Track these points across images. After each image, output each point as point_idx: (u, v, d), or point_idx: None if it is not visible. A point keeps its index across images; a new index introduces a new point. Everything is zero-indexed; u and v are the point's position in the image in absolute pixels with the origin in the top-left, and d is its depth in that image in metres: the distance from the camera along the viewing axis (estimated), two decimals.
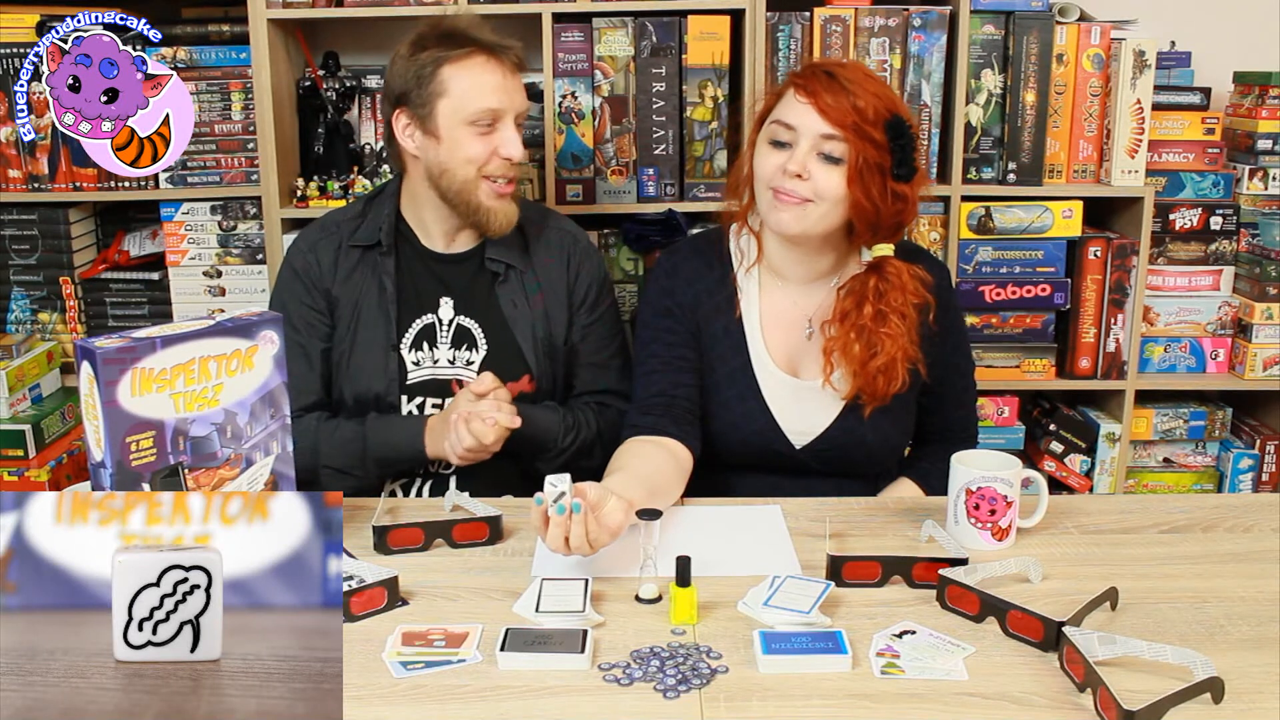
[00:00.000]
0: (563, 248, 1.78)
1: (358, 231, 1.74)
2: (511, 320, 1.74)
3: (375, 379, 1.71)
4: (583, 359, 1.79)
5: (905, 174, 1.52)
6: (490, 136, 1.64)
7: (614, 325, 1.82)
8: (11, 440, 2.21)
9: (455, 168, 1.65)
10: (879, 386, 1.57)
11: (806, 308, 1.65)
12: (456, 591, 1.29)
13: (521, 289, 1.75)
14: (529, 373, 1.74)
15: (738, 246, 1.67)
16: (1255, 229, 2.35)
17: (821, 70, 1.53)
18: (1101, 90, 2.27)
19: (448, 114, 1.63)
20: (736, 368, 1.63)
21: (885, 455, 1.69)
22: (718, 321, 1.64)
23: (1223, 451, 2.45)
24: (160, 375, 1.19)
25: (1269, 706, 1.06)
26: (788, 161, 1.51)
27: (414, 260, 1.75)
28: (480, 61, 1.63)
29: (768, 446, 1.64)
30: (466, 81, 1.63)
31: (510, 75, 1.65)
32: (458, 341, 1.73)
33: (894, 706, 1.06)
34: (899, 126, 1.51)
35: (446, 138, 1.64)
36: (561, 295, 1.76)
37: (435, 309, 1.73)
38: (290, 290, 1.75)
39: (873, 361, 1.56)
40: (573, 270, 1.77)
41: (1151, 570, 1.34)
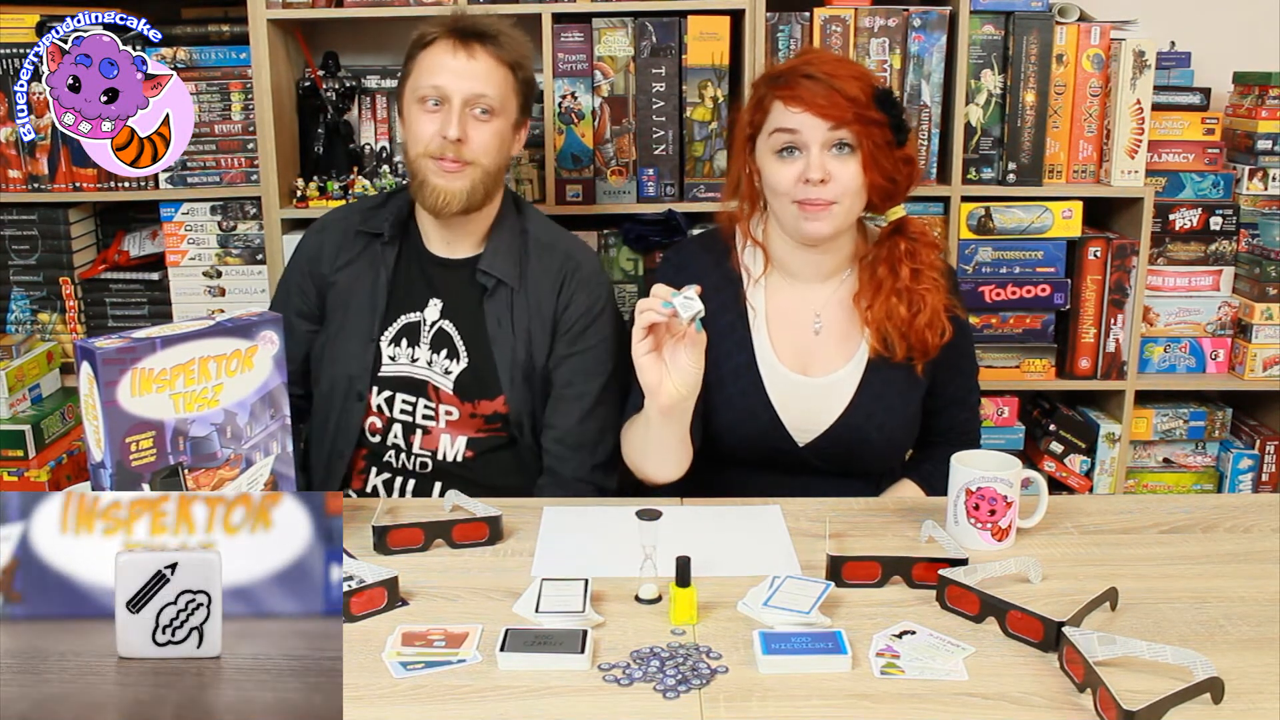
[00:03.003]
0: (561, 272, 1.73)
1: (370, 219, 1.77)
2: (493, 337, 1.71)
3: (350, 363, 1.73)
4: (554, 389, 1.74)
5: (903, 137, 1.55)
6: (437, 115, 1.64)
7: (597, 364, 1.73)
8: (11, 440, 2.21)
9: (409, 145, 1.68)
10: (929, 341, 1.59)
11: (815, 303, 1.65)
12: (456, 591, 1.29)
13: (509, 307, 1.72)
14: (503, 393, 1.72)
15: (743, 261, 1.67)
16: (1255, 229, 2.35)
17: (799, 75, 1.53)
18: (1101, 90, 2.27)
19: (409, 94, 1.68)
20: (741, 364, 1.63)
21: (889, 454, 1.69)
22: (723, 318, 1.64)
23: (1223, 452, 2.45)
24: (160, 375, 1.19)
25: (1269, 706, 1.06)
26: (806, 170, 1.52)
27: (412, 258, 1.76)
28: (444, 45, 1.65)
29: (770, 444, 1.64)
30: (425, 62, 1.66)
31: (465, 58, 1.64)
32: (437, 345, 1.72)
33: (894, 707, 1.06)
34: (886, 96, 1.53)
35: (407, 116, 1.69)
36: (548, 321, 1.72)
37: (422, 308, 1.73)
38: (293, 268, 1.82)
39: (918, 319, 1.58)
40: (564, 297, 1.73)
41: (1151, 570, 1.34)
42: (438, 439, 1.73)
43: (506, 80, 1.67)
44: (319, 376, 1.77)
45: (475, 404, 1.72)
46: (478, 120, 1.65)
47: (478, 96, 1.64)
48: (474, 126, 1.65)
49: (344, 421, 1.74)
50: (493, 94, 1.65)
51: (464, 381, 1.71)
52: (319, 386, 1.78)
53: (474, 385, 1.71)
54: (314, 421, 1.80)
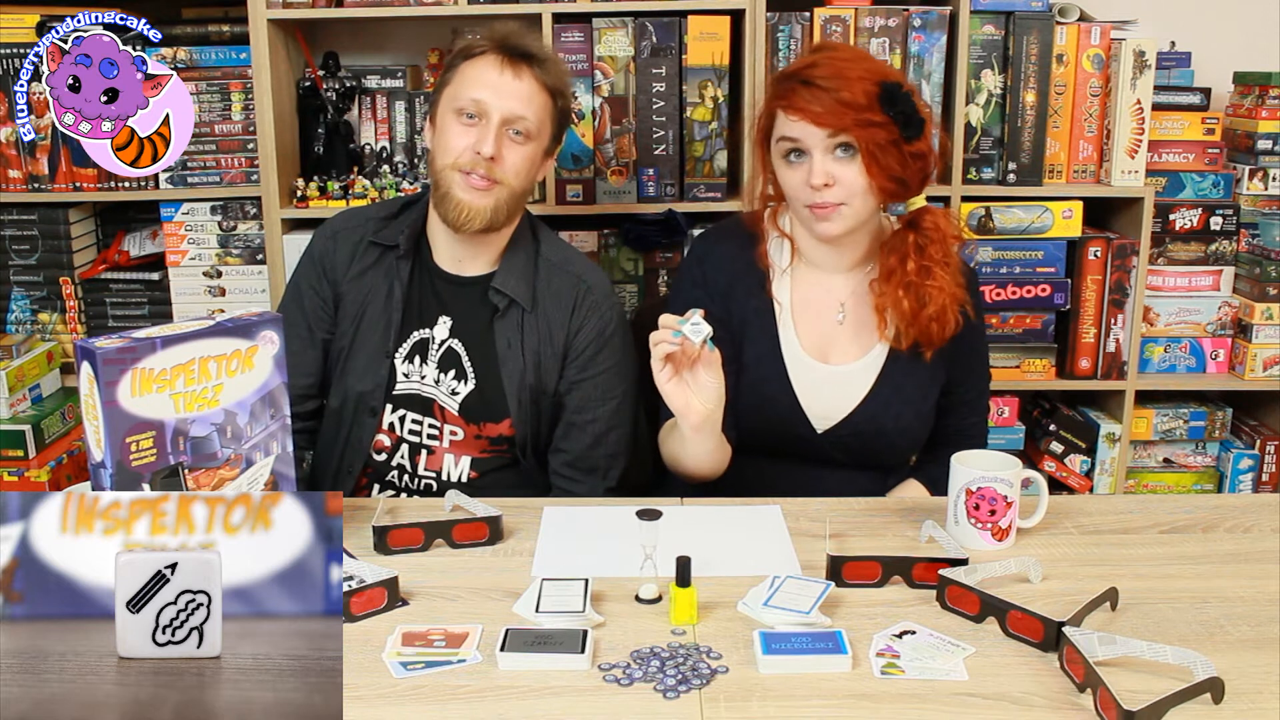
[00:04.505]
0: (573, 296, 1.71)
1: (383, 230, 1.74)
2: (502, 359, 1.69)
3: (365, 379, 1.70)
4: (564, 415, 1.73)
5: (914, 132, 1.52)
6: (472, 130, 1.62)
7: (609, 388, 1.72)
8: (11, 440, 2.21)
9: (438, 154, 1.66)
10: (934, 333, 1.60)
11: (840, 293, 1.66)
12: (456, 591, 1.29)
13: (519, 329, 1.70)
14: (509, 416, 1.70)
15: (770, 254, 1.67)
16: (1255, 229, 2.35)
17: (797, 81, 1.53)
18: (1101, 90, 2.27)
19: (445, 103, 1.66)
20: (765, 350, 1.65)
21: (903, 445, 1.69)
22: (750, 304, 1.66)
23: (1223, 452, 2.45)
24: (160, 375, 1.19)
25: (1269, 706, 1.06)
26: (809, 176, 1.53)
27: (423, 274, 1.73)
28: (488, 59, 1.63)
29: (789, 429, 1.65)
30: (469, 74, 1.64)
31: (511, 78, 1.62)
32: (445, 365, 1.70)
33: (894, 707, 1.06)
34: (891, 94, 1.50)
35: (439, 124, 1.66)
36: (559, 345, 1.70)
37: (432, 325, 1.72)
38: (305, 273, 1.76)
39: (924, 312, 1.58)
40: (576, 322, 1.71)
41: (1151, 570, 1.34)
42: (442, 459, 1.72)
43: (546, 106, 1.66)
44: (333, 389, 1.74)
45: (481, 426, 1.70)
46: (512, 141, 1.63)
47: (517, 117, 1.62)
48: (508, 146, 1.62)
49: (355, 437, 1.72)
50: (532, 117, 1.63)
51: (470, 404, 1.70)
52: (329, 402, 1.74)
53: (480, 408, 1.69)
54: (322, 438, 1.77)
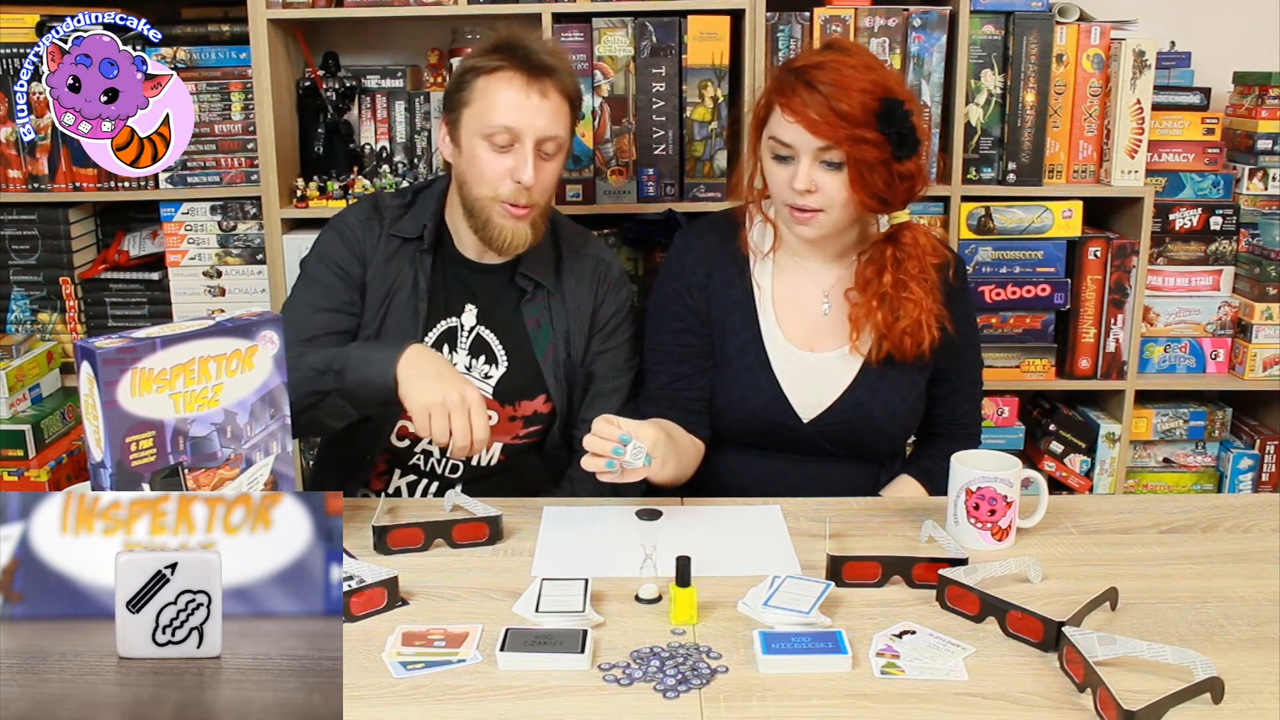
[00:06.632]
0: (595, 275, 1.76)
1: (401, 221, 1.72)
2: (535, 339, 1.72)
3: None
4: (592, 385, 1.77)
5: (907, 153, 1.50)
6: (506, 156, 1.59)
7: (628, 359, 1.77)
8: (11, 440, 2.21)
9: (472, 183, 1.62)
10: (907, 346, 1.60)
11: (824, 283, 1.66)
12: (456, 591, 1.29)
13: (547, 309, 1.73)
14: (545, 393, 1.73)
15: (751, 239, 1.67)
16: (1255, 229, 2.35)
17: (800, 80, 1.50)
18: (1101, 90, 2.27)
19: (468, 124, 1.61)
20: (747, 340, 1.64)
21: (892, 432, 1.68)
22: (730, 294, 1.66)
23: (1223, 451, 2.45)
24: (160, 375, 1.19)
25: (1269, 706, 1.06)
26: (793, 179, 1.52)
27: (446, 262, 1.73)
28: (508, 76, 1.59)
29: (775, 420, 1.64)
30: (490, 94, 1.59)
31: (539, 97, 1.59)
32: (475, 351, 1.72)
33: (894, 706, 1.06)
34: (890, 112, 1.48)
35: (465, 149, 1.62)
36: (585, 321, 1.75)
37: (459, 314, 1.72)
38: (333, 247, 1.71)
39: (897, 324, 1.58)
40: (599, 297, 1.75)
41: (1151, 570, 1.34)
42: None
43: (569, 115, 1.65)
44: None
45: (516, 405, 1.72)
46: (543, 159, 1.61)
47: (549, 137, 1.60)
48: (539, 166, 1.60)
49: (378, 426, 1.71)
50: (562, 133, 1.62)
51: (504, 386, 1.71)
52: None
53: (515, 389, 1.71)
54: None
